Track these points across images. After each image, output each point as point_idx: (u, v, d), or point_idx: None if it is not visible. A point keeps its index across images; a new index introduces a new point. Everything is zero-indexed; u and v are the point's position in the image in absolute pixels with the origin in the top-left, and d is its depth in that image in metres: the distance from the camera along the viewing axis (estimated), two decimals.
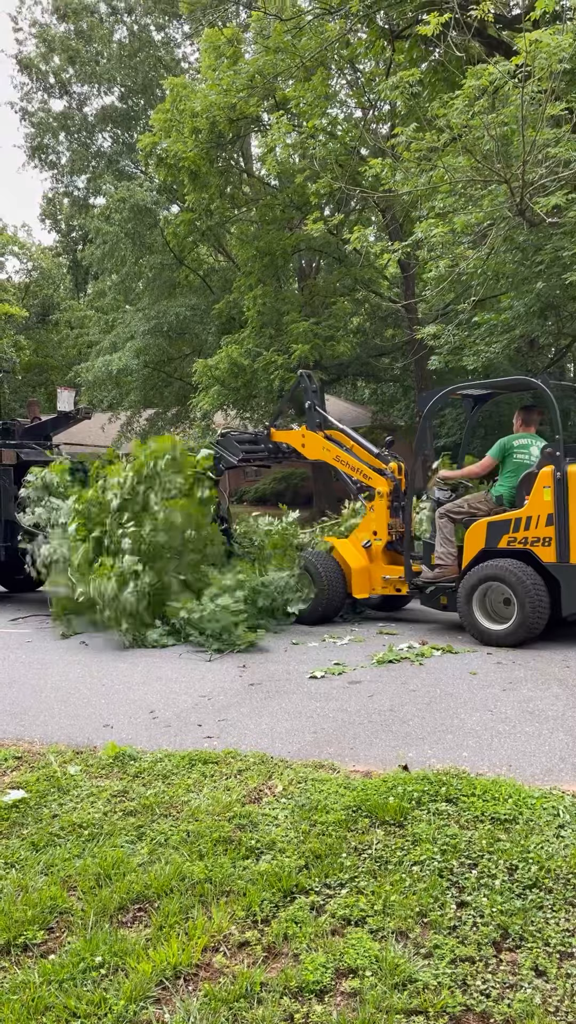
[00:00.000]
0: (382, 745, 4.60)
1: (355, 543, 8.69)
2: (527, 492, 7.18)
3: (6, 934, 2.90)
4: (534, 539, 7.08)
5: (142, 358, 22.44)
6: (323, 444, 9.20)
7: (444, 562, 7.78)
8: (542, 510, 7.03)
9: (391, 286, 23.15)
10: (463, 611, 7.35)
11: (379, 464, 8.72)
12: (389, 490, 8.47)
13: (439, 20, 9.02)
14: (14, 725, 5.37)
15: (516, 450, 7.64)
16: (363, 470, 8.74)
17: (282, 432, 9.98)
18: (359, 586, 8.50)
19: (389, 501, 8.46)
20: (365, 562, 8.54)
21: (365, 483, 8.74)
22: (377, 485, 8.56)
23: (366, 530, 8.68)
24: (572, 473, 6.92)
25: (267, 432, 10.05)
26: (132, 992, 2.56)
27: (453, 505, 7.83)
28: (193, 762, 4.36)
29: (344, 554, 8.58)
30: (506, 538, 7.25)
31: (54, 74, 28.40)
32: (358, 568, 8.47)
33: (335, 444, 9.15)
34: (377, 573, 8.51)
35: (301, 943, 2.77)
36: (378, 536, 8.51)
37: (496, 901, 2.91)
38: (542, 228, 10.17)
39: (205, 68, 17.91)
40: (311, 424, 9.44)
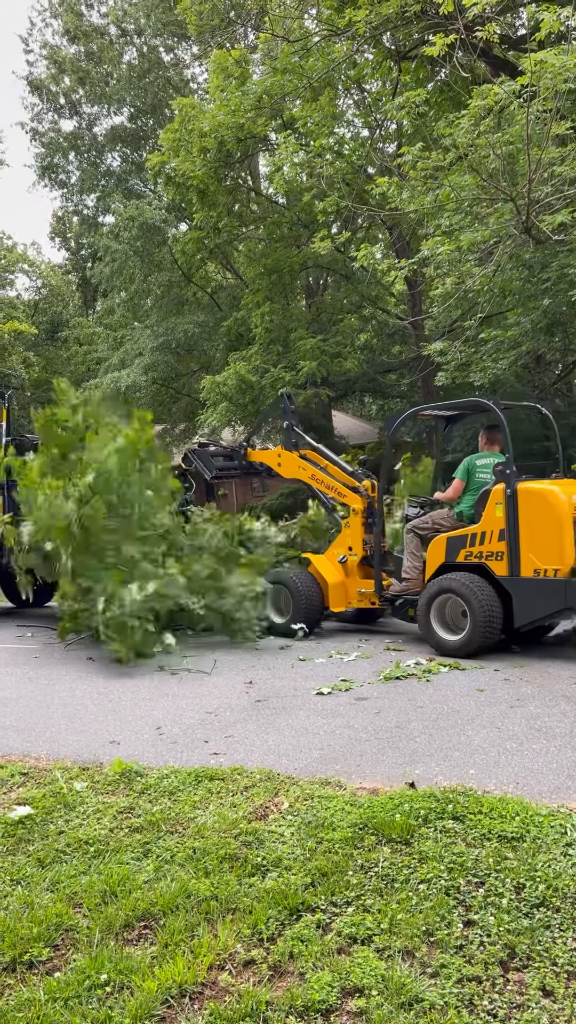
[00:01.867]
0: (389, 762, 4.58)
1: (331, 558, 9.01)
2: (483, 509, 7.51)
3: (12, 951, 2.89)
4: (488, 553, 7.42)
5: (150, 375, 22.54)
6: (299, 463, 9.56)
7: (410, 576, 8.17)
8: (495, 526, 7.37)
9: (398, 303, 23.24)
10: (422, 622, 7.67)
11: (353, 482, 9.03)
12: (363, 507, 8.79)
13: (445, 41, 9.12)
14: (20, 741, 5.38)
15: (478, 469, 7.95)
16: (338, 488, 9.07)
17: (258, 452, 10.38)
18: (336, 600, 8.81)
19: (363, 518, 8.78)
20: (341, 577, 8.86)
21: (340, 500, 9.12)
22: (351, 502, 8.89)
23: (341, 546, 8.99)
24: (522, 491, 7.24)
25: (243, 451, 10.43)
26: (137, 1010, 2.55)
27: (420, 521, 8.24)
28: (199, 779, 4.35)
29: (321, 569, 8.87)
30: (463, 552, 7.60)
31: (64, 95, 28.71)
32: (334, 583, 8.80)
33: (310, 464, 9.49)
34: (353, 587, 8.82)
35: (307, 961, 2.76)
36: (353, 551, 8.82)
37: (503, 920, 2.90)
38: (548, 245, 10.22)
39: (213, 89, 18.11)
40: (287, 444, 9.78)
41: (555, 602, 7.03)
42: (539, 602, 7.13)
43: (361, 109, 19.22)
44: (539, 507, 7.16)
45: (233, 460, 10.60)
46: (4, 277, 35.40)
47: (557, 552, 7.03)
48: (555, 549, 7.04)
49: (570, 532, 7.01)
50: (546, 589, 7.06)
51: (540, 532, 7.14)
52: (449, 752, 4.69)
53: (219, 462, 10.57)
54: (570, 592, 6.92)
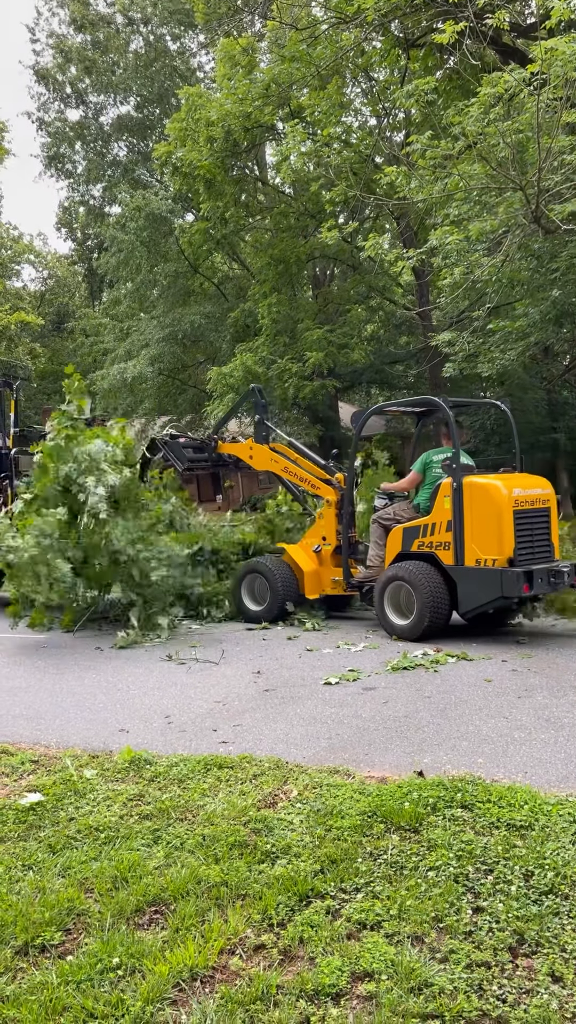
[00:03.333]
0: (397, 751, 4.60)
1: (306, 548, 9.25)
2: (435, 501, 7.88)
3: (24, 935, 2.92)
4: (437, 543, 7.79)
5: (157, 366, 22.54)
6: (271, 456, 9.75)
7: (374, 564, 8.52)
8: (443, 517, 7.73)
9: (405, 293, 23.17)
10: (377, 606, 8.07)
11: (326, 475, 9.24)
12: (336, 499, 9.03)
13: (454, 28, 9.06)
14: (31, 729, 5.41)
15: (435, 464, 8.23)
16: (311, 480, 9.31)
17: (229, 444, 10.54)
18: (311, 587, 9.08)
19: (337, 509, 9.01)
20: (315, 565, 9.14)
21: (313, 492, 9.39)
22: (325, 494, 9.14)
23: (316, 536, 9.23)
24: (467, 484, 7.59)
25: (214, 443, 10.58)
26: (149, 993, 2.57)
27: (383, 512, 8.56)
28: (209, 767, 4.37)
29: (296, 558, 9.13)
30: (417, 542, 7.97)
31: (71, 84, 28.64)
32: (309, 571, 9.08)
33: (282, 456, 9.66)
34: (326, 575, 9.12)
35: (317, 946, 2.78)
36: (327, 541, 9.08)
37: (512, 907, 2.91)
38: (558, 235, 10.17)
39: (220, 77, 18.05)
40: (258, 437, 9.94)
41: (492, 591, 7.36)
42: (480, 590, 7.48)
43: (369, 98, 19.13)
44: (482, 500, 7.49)
45: (204, 452, 10.68)
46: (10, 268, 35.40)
47: (496, 543, 7.37)
48: (495, 540, 7.38)
49: (509, 524, 7.35)
50: (485, 578, 7.40)
51: (482, 524, 7.47)
52: (457, 741, 4.70)
53: (190, 454, 10.59)
54: (505, 581, 7.24)
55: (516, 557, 7.32)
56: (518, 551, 7.36)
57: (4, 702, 6.17)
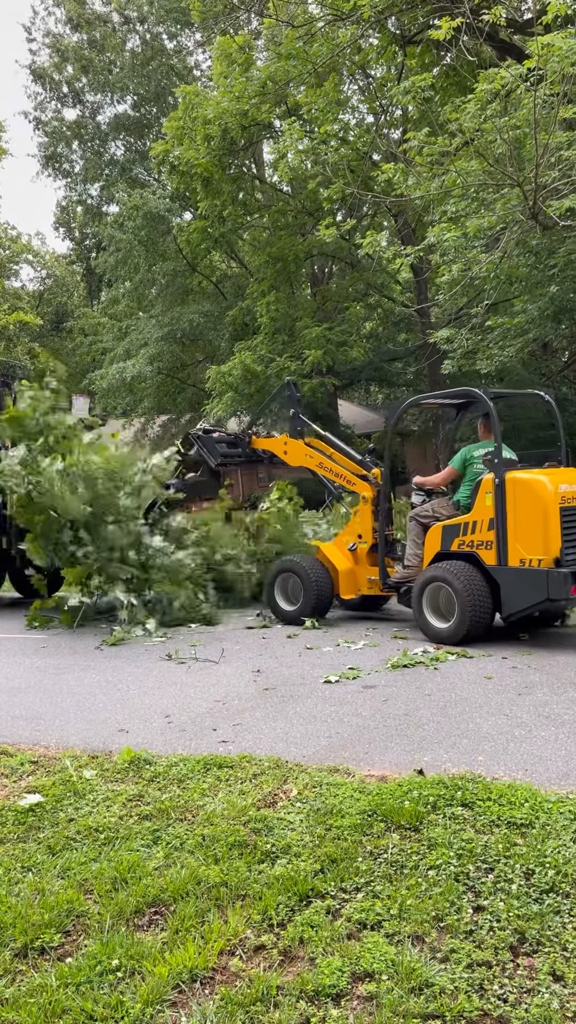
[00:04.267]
0: (397, 749, 4.59)
1: (340, 546, 8.98)
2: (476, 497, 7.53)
3: (23, 937, 2.91)
4: (479, 543, 7.41)
5: (156, 365, 22.52)
6: (305, 451, 9.49)
7: (411, 563, 8.17)
8: (485, 515, 7.35)
9: (404, 290, 23.14)
10: (415, 609, 7.70)
11: (361, 470, 8.96)
12: (373, 495, 8.73)
13: (451, 25, 9.05)
14: (30, 730, 5.40)
15: (475, 459, 7.89)
16: (346, 476, 9.03)
17: (264, 439, 10.28)
18: (346, 587, 8.81)
19: (373, 506, 8.70)
20: (351, 564, 8.84)
21: (349, 488, 9.06)
22: (361, 490, 8.85)
23: (351, 533, 8.95)
24: (510, 480, 7.22)
25: (248, 438, 10.32)
26: (149, 995, 2.56)
27: (421, 509, 8.20)
28: (208, 766, 4.36)
29: (331, 556, 8.87)
30: (457, 541, 7.60)
31: (67, 83, 28.57)
32: (344, 570, 8.78)
33: (317, 451, 9.41)
34: (362, 574, 8.81)
35: (317, 947, 2.77)
36: (363, 539, 8.78)
37: (513, 906, 2.90)
38: (555, 231, 10.16)
39: (217, 75, 18.01)
40: (293, 432, 9.70)
41: (537, 593, 7.00)
42: (524, 592, 7.12)
43: (366, 95, 19.10)
44: (526, 497, 7.14)
45: (237, 447, 10.52)
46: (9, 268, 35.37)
47: (542, 542, 7.01)
48: (540, 539, 7.03)
49: (556, 523, 6.99)
50: (530, 579, 7.04)
51: (527, 522, 7.12)
52: (457, 739, 4.69)
53: (223, 449, 10.48)
54: (552, 583, 6.87)
55: (563, 557, 6.94)
56: (565, 551, 6.97)
57: (4, 703, 6.15)
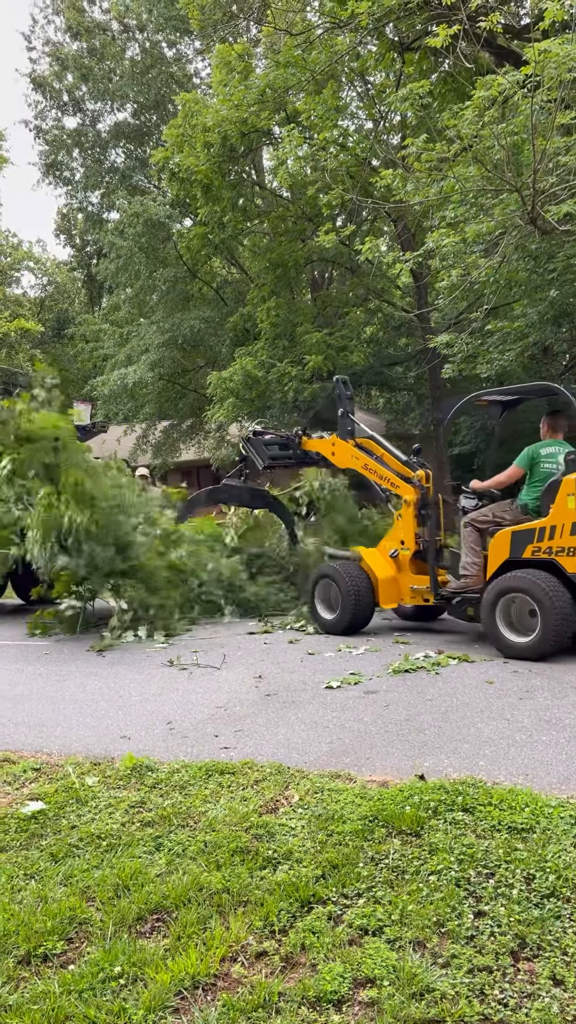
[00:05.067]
0: (398, 755, 4.60)
1: (382, 552, 8.59)
2: (551, 501, 6.98)
3: (26, 944, 2.92)
4: (559, 549, 6.86)
5: (157, 370, 22.54)
6: (352, 452, 9.14)
7: (469, 572, 7.64)
8: (567, 519, 6.82)
9: (404, 295, 23.17)
10: (486, 622, 7.19)
11: (407, 472, 8.60)
12: (416, 498, 8.34)
13: (448, 32, 9.08)
14: (32, 737, 5.41)
15: (543, 459, 7.45)
16: (391, 478, 8.63)
17: (314, 440, 9.96)
18: (386, 596, 8.40)
19: (416, 510, 8.32)
20: (392, 572, 8.43)
21: (393, 491, 8.65)
22: (404, 493, 8.46)
23: (393, 539, 8.54)
24: None
25: (298, 439, 10.04)
26: (151, 1002, 2.58)
27: (478, 514, 7.70)
28: (210, 773, 4.38)
29: (371, 563, 8.46)
30: (530, 548, 7.06)
31: (67, 92, 28.65)
32: (385, 578, 8.36)
33: (364, 452, 9.06)
34: (405, 583, 8.39)
35: (319, 953, 2.78)
36: (405, 545, 8.38)
37: (514, 911, 2.91)
38: (554, 236, 10.18)
39: (216, 83, 18.07)
40: (342, 432, 9.33)
41: None
42: None
43: (365, 101, 19.16)
44: None
45: (288, 448, 10.24)
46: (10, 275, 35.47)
47: None
48: None
49: None
50: None
51: None
52: (459, 744, 4.70)
53: (273, 450, 10.25)
54: None
55: None
56: None
57: (6, 710, 6.17)
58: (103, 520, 9.03)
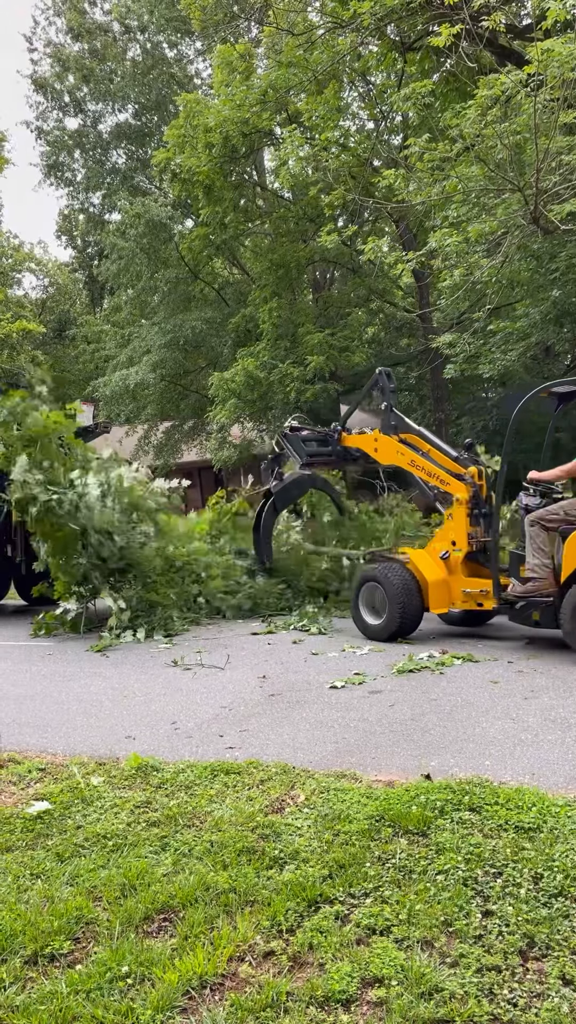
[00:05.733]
0: (404, 754, 4.59)
1: (432, 554, 8.09)
2: None
3: (33, 944, 2.91)
4: None
5: (159, 372, 22.54)
6: (397, 448, 8.61)
7: (537, 575, 7.09)
8: None
9: (405, 296, 23.16)
10: (568, 629, 6.75)
11: (457, 468, 8.13)
12: (468, 496, 7.87)
13: (450, 31, 9.08)
14: (37, 737, 5.41)
15: None
16: (440, 475, 8.13)
17: (354, 436, 9.45)
18: (437, 600, 7.89)
19: (468, 508, 7.86)
20: (443, 574, 7.93)
21: (443, 489, 8.13)
22: (455, 491, 7.97)
23: (444, 540, 8.05)
24: None
25: (337, 435, 9.55)
26: (159, 1002, 2.57)
27: (546, 512, 7.11)
28: (215, 772, 4.37)
29: (420, 566, 7.97)
30: None
31: (69, 93, 28.67)
32: (435, 581, 7.86)
33: (410, 448, 8.57)
34: (456, 586, 7.90)
35: (326, 952, 2.77)
36: (457, 546, 7.90)
37: (521, 910, 2.90)
38: (557, 236, 10.17)
39: (218, 84, 18.08)
40: (385, 427, 8.84)
41: None
42: None
43: (366, 101, 19.15)
44: None
45: (327, 445, 9.73)
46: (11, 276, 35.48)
47: None
48: None
49: None
50: None
51: None
52: (464, 744, 4.69)
53: (311, 447, 9.78)
54: None
55: None
56: None
57: (11, 710, 6.17)
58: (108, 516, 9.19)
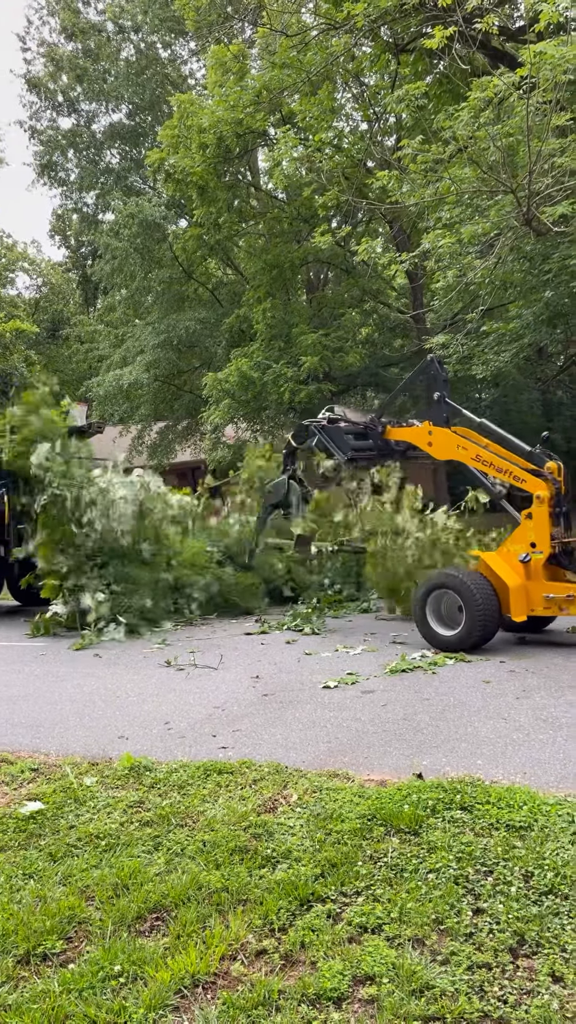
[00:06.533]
0: (396, 754, 4.61)
1: (508, 557, 7.55)
2: None
3: (26, 944, 2.92)
4: None
5: (152, 372, 22.55)
6: (457, 442, 8.01)
7: None
8: None
9: (399, 296, 23.21)
10: None
11: (531, 464, 7.62)
12: (550, 494, 7.37)
13: (444, 33, 9.11)
14: (30, 737, 5.41)
15: None
16: (514, 472, 7.59)
17: (403, 429, 8.68)
18: (517, 606, 7.33)
19: (550, 507, 7.37)
20: (522, 579, 7.40)
21: (518, 486, 7.63)
22: (534, 489, 7.43)
23: (522, 541, 7.48)
24: None
25: (381, 428, 8.81)
26: (151, 1000, 2.58)
27: None
28: (208, 772, 4.38)
29: (497, 570, 7.45)
30: None
31: (62, 92, 28.65)
32: (516, 586, 7.33)
33: (471, 442, 8.02)
34: (536, 591, 7.36)
35: (318, 951, 2.78)
36: (538, 548, 7.36)
37: (512, 908, 2.92)
38: (549, 237, 10.22)
39: (212, 84, 18.11)
40: (438, 419, 8.16)
41: None
42: None
43: (360, 103, 19.19)
44: None
45: (367, 439, 8.98)
46: (5, 276, 35.39)
47: None
48: None
49: None
50: None
51: None
52: (456, 743, 4.71)
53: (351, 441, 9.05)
54: None
55: None
56: None
57: (4, 711, 6.17)
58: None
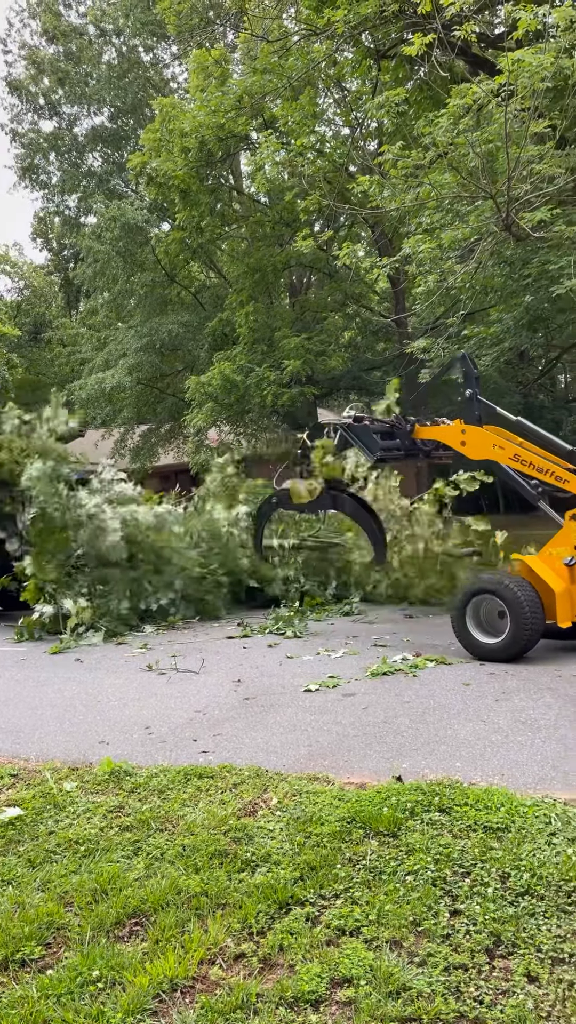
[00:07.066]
0: (376, 757, 4.63)
1: (551, 560, 7.30)
2: None
3: (4, 950, 2.92)
4: None
5: (135, 375, 22.49)
6: (494, 441, 7.73)
7: None
8: None
9: (381, 300, 23.32)
10: None
11: (573, 464, 7.42)
12: None
13: (423, 40, 9.15)
14: (10, 743, 5.39)
15: None
16: (556, 472, 7.32)
17: (433, 428, 8.36)
18: (564, 612, 7.08)
19: None
20: (567, 583, 7.18)
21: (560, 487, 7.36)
22: None
23: (565, 544, 7.24)
24: None
25: (410, 426, 8.49)
26: (129, 1005, 2.58)
27: None
28: (188, 777, 4.38)
29: (541, 574, 7.21)
30: None
31: (44, 95, 28.55)
32: (561, 591, 7.08)
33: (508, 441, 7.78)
34: None
35: (296, 954, 2.80)
36: None
37: (489, 909, 2.95)
38: (529, 242, 10.29)
39: (193, 88, 18.10)
40: (470, 417, 7.90)
41: None
42: None
43: (341, 108, 19.26)
44: None
45: (395, 438, 8.63)
46: None
47: None
48: None
49: None
50: None
51: None
52: (435, 746, 4.74)
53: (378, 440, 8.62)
54: None
55: None
56: None
57: None
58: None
